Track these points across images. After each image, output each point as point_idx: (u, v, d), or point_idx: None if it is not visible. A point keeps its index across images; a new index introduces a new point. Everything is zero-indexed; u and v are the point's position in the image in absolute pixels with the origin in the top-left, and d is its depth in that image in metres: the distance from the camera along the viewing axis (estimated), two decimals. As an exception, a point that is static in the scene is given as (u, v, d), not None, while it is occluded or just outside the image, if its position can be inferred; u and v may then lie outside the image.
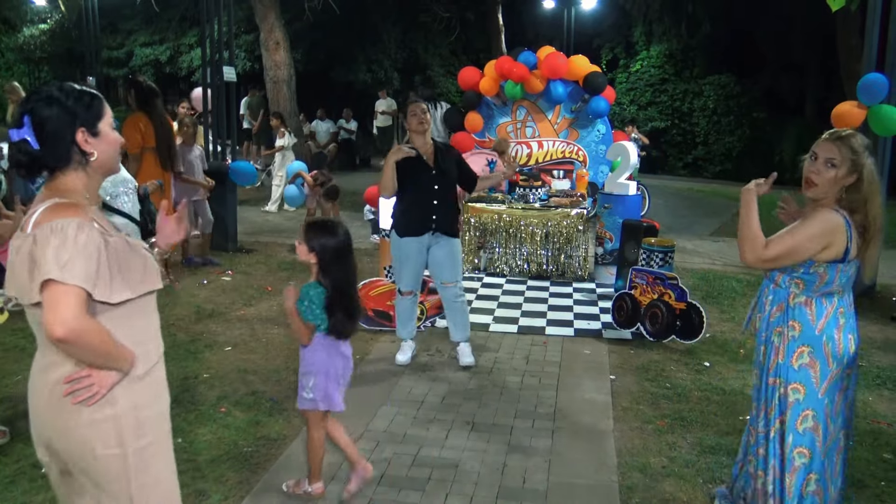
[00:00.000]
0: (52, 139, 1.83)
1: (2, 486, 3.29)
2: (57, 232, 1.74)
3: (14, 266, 1.82)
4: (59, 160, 1.87)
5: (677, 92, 19.57)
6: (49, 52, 23.22)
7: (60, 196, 1.85)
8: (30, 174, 1.89)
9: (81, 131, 1.87)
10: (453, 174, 4.80)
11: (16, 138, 1.83)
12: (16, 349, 5.01)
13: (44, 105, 1.84)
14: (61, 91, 1.87)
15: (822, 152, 2.62)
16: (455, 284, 4.87)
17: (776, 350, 2.75)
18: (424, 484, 3.41)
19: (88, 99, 1.91)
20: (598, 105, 8.13)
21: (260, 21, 13.54)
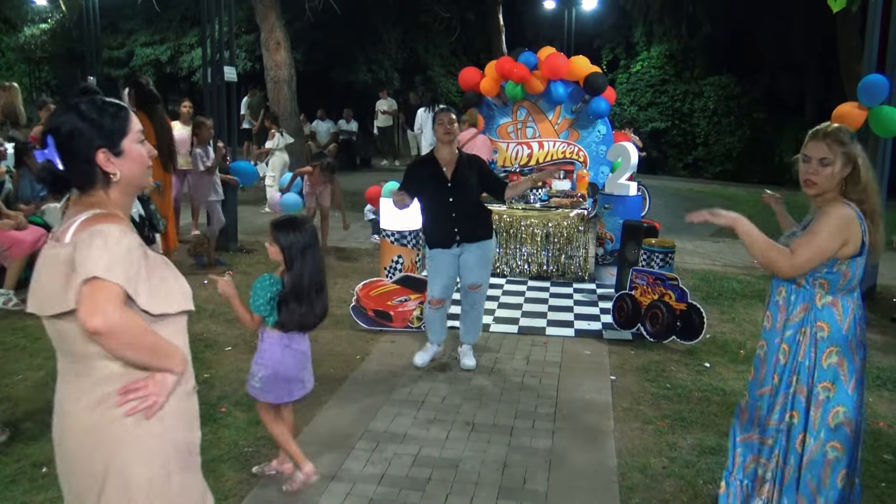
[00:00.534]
0: (74, 160, 1.77)
1: (2, 486, 3.28)
2: (98, 235, 1.69)
3: (41, 275, 1.77)
4: (83, 181, 1.80)
5: (677, 93, 19.58)
6: (50, 52, 23.19)
7: (97, 208, 1.79)
8: (58, 192, 1.86)
9: (102, 152, 1.78)
10: (471, 185, 4.74)
11: (41, 159, 1.78)
12: (16, 348, 5.01)
13: (65, 121, 1.77)
14: (86, 107, 1.79)
15: (814, 153, 2.66)
16: (479, 288, 4.86)
17: (802, 350, 2.73)
18: (425, 484, 3.41)
19: (112, 114, 1.82)
20: (599, 106, 8.13)
21: (260, 21, 13.54)
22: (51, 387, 4.38)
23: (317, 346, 5.23)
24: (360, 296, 5.74)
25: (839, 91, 13.11)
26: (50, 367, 4.68)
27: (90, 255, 1.66)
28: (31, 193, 6.74)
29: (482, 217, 4.85)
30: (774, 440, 2.82)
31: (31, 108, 23.22)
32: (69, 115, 1.78)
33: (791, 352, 2.76)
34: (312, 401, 4.28)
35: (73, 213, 1.81)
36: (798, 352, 2.74)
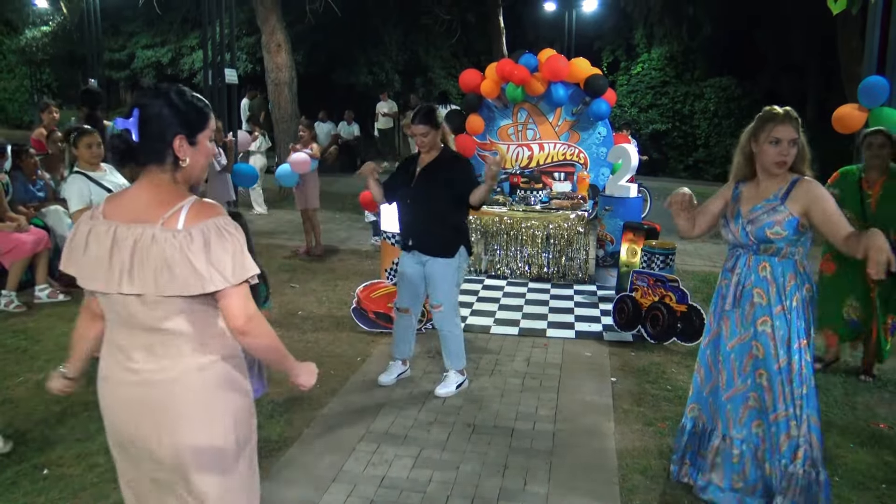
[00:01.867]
0: (151, 137, 1.90)
1: (3, 488, 3.29)
2: (224, 231, 1.88)
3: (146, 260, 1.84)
4: (150, 157, 1.92)
5: (678, 94, 19.57)
6: (51, 55, 23.24)
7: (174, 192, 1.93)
8: (122, 163, 1.99)
9: (180, 137, 1.92)
10: (434, 192, 4.31)
11: (120, 126, 1.90)
12: (17, 351, 5.01)
13: (155, 103, 1.90)
14: (176, 94, 1.93)
15: (785, 135, 2.94)
16: (439, 308, 4.45)
17: (798, 315, 3.00)
18: (426, 486, 3.41)
19: (200, 106, 1.98)
20: (600, 107, 8.12)
21: (261, 23, 13.55)
22: (52, 389, 4.37)
23: (317, 348, 5.25)
24: (360, 297, 5.74)
25: (839, 92, 13.11)
26: (51, 370, 4.67)
27: (227, 259, 1.87)
28: (25, 196, 6.74)
29: (445, 230, 4.37)
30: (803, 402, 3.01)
31: (32, 111, 23.31)
32: (162, 98, 1.91)
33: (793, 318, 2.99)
34: (313, 402, 4.29)
35: (159, 196, 1.91)
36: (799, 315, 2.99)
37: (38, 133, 8.12)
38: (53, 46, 22.90)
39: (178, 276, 1.83)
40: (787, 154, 2.94)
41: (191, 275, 1.83)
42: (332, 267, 7.79)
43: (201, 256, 1.83)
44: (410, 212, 4.45)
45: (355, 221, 10.59)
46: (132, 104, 1.91)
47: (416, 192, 4.38)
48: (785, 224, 2.94)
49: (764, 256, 3.03)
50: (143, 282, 1.84)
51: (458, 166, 4.41)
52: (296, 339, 5.46)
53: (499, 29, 18.80)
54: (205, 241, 1.84)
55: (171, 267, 1.82)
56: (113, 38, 21.13)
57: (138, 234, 1.85)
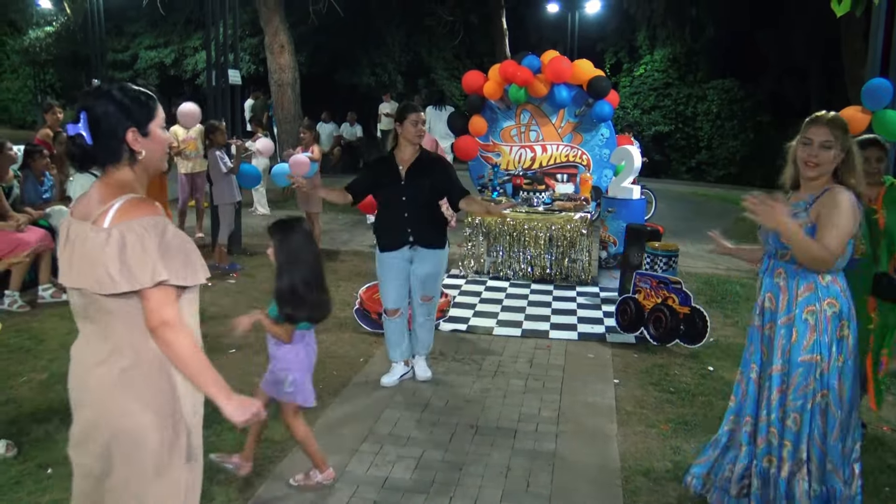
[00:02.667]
0: (104, 136, 1.95)
1: (7, 487, 3.30)
2: (150, 231, 1.88)
3: (79, 255, 1.91)
4: (109, 156, 1.98)
5: (681, 96, 19.55)
6: (54, 55, 23.27)
7: (123, 190, 1.96)
8: (82, 167, 2.03)
9: (132, 131, 1.97)
10: (426, 186, 4.49)
11: (72, 132, 1.95)
12: (20, 350, 5.02)
13: (99, 103, 1.95)
14: (120, 91, 1.98)
15: (817, 136, 2.83)
16: (432, 300, 4.68)
17: (811, 328, 2.82)
18: (428, 487, 3.41)
19: (143, 100, 2.01)
20: (602, 109, 8.12)
21: (264, 24, 13.57)
22: (55, 389, 4.43)
23: (320, 349, 5.21)
24: (363, 298, 5.74)
25: (843, 94, 13.10)
26: (54, 369, 4.69)
27: (149, 257, 1.86)
28: (34, 196, 6.76)
29: (437, 222, 4.64)
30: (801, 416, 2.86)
31: (35, 111, 23.33)
32: (103, 95, 1.96)
33: (801, 332, 2.83)
34: (316, 403, 4.28)
35: (103, 193, 1.96)
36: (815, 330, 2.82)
37: (43, 134, 8.12)
38: (57, 47, 22.93)
39: (96, 274, 1.88)
40: (815, 155, 2.83)
41: (104, 274, 1.86)
42: (334, 268, 7.79)
43: (115, 256, 1.86)
44: (406, 208, 4.49)
45: (357, 223, 10.59)
46: (78, 108, 1.96)
47: (411, 189, 4.48)
48: (804, 230, 2.80)
49: (781, 263, 2.93)
50: (77, 277, 1.93)
51: (441, 166, 4.62)
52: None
53: (501, 30, 18.80)
54: (122, 241, 1.86)
55: (92, 265, 1.89)
56: (116, 39, 21.16)
57: (78, 231, 1.94)
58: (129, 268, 1.85)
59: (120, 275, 1.85)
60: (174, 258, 1.91)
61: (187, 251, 1.98)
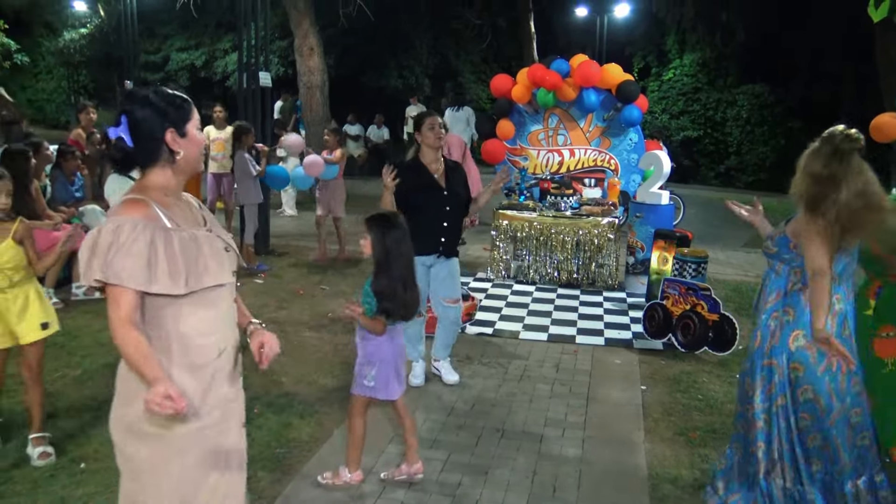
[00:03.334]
0: (144, 138, 2.02)
1: (43, 480, 3.36)
2: (113, 230, 1.92)
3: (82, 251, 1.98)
4: (149, 158, 2.05)
5: (710, 101, 19.36)
6: (88, 56, 23.67)
7: (139, 193, 2.03)
8: (123, 169, 2.10)
9: (171, 132, 2.03)
10: (462, 195, 4.62)
11: (113, 136, 2.02)
12: (55, 346, 5.09)
13: (139, 107, 2.01)
14: (156, 94, 2.04)
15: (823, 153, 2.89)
16: (457, 303, 4.70)
17: (772, 333, 2.96)
18: (455, 489, 3.42)
19: (179, 102, 2.08)
20: (631, 114, 8.08)
21: (294, 27, 13.68)
22: (88, 385, 4.50)
23: (346, 350, 5.29)
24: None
25: (876, 100, 12.90)
26: (87, 365, 4.78)
27: (102, 255, 1.90)
28: (65, 195, 6.89)
29: (459, 232, 4.77)
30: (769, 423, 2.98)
31: (69, 111, 23.74)
32: (143, 98, 2.02)
33: (763, 336, 3.00)
34: (342, 403, 4.31)
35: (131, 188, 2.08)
36: (773, 336, 2.95)
37: (76, 134, 8.28)
38: (90, 48, 23.33)
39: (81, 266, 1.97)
40: None
41: (82, 265, 1.96)
42: (362, 270, 7.83)
43: (89, 248, 1.94)
44: (445, 217, 4.51)
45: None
46: (118, 112, 2.02)
47: (451, 197, 4.53)
48: (776, 239, 3.01)
49: (768, 269, 3.10)
50: None
51: (462, 170, 4.75)
52: (325, 340, 5.50)
53: (529, 34, 18.78)
54: (98, 233, 1.94)
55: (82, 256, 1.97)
56: (148, 41, 21.47)
57: None
58: (89, 262, 1.93)
59: (85, 268, 1.94)
60: (129, 260, 1.90)
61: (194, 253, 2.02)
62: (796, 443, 2.95)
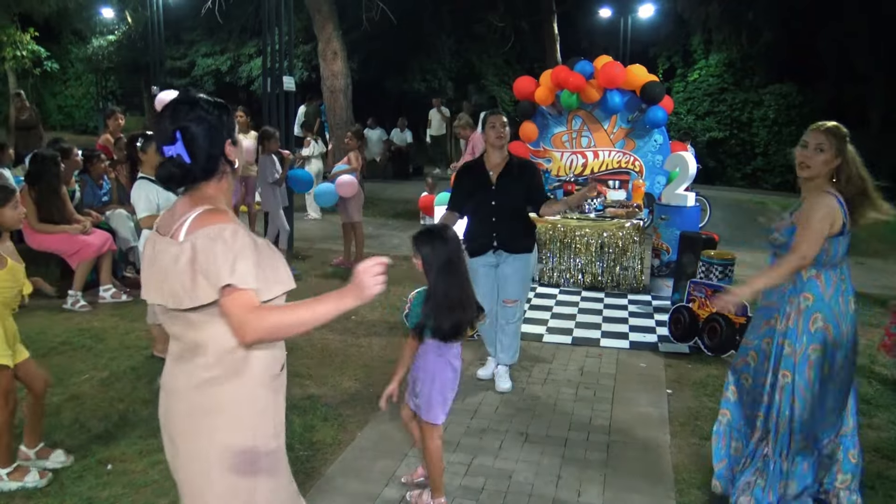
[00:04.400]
0: (203, 153, 1.91)
1: (69, 482, 3.40)
2: (217, 239, 1.81)
3: (158, 270, 1.87)
4: (209, 172, 1.94)
5: (736, 102, 19.15)
6: (116, 63, 24.07)
7: (205, 203, 1.91)
8: (180, 186, 1.95)
9: (228, 143, 1.96)
10: (516, 192, 4.56)
11: (169, 154, 1.89)
12: (83, 349, 5.17)
13: (194, 123, 1.90)
14: (206, 106, 1.93)
15: (812, 140, 3.08)
16: (516, 304, 4.65)
17: (787, 316, 3.10)
18: (478, 493, 3.40)
19: (226, 110, 1.99)
20: (656, 115, 8.02)
21: (318, 31, 13.76)
22: (115, 387, 4.56)
23: (370, 353, 5.29)
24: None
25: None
26: (114, 368, 4.83)
27: (216, 263, 1.79)
28: (93, 199, 6.98)
29: (525, 228, 4.69)
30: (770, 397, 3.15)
31: (97, 117, 24.11)
32: (195, 112, 1.90)
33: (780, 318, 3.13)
34: (366, 406, 4.32)
35: (183, 208, 1.92)
36: (789, 318, 3.09)
37: (104, 139, 8.39)
38: (118, 55, 23.71)
39: (171, 289, 1.84)
40: (809, 157, 3.07)
41: (180, 288, 1.82)
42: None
43: (188, 268, 1.81)
44: (495, 213, 4.54)
45: (407, 228, 10.64)
46: (172, 129, 1.89)
47: (500, 193, 4.54)
48: (784, 230, 3.17)
49: (774, 258, 3.25)
50: (159, 293, 1.88)
51: (531, 170, 4.71)
52: (349, 343, 5.51)
53: (553, 36, 18.70)
54: (193, 251, 1.81)
55: (167, 279, 1.85)
56: (175, 47, 21.76)
57: (160, 246, 1.91)
58: (203, 277, 1.79)
59: (193, 285, 1.80)
60: (247, 263, 1.83)
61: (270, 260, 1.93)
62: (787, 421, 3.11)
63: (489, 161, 4.61)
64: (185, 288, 1.81)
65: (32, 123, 11.71)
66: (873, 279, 8.24)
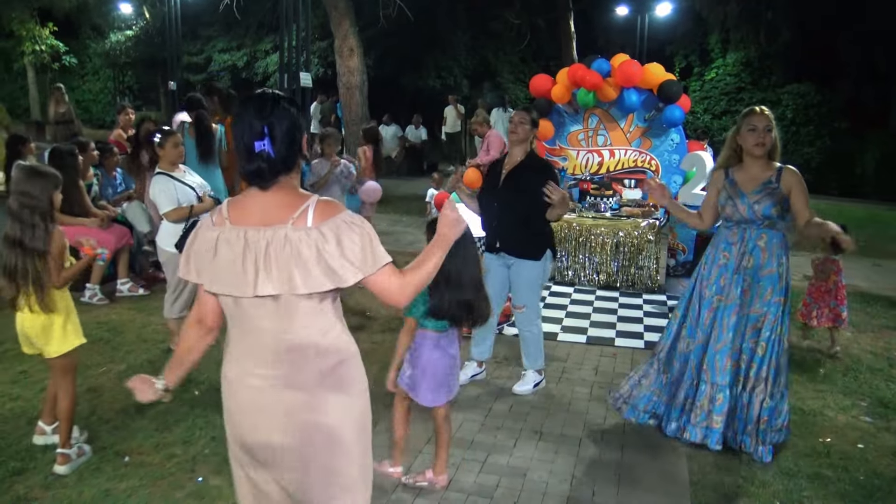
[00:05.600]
0: (287, 147, 1.97)
1: (88, 474, 3.43)
2: (352, 225, 1.94)
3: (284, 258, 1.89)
4: (291, 165, 2.00)
5: (754, 101, 18.97)
6: (133, 58, 24.23)
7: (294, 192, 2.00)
8: (266, 181, 1.97)
9: (305, 138, 2.05)
10: (523, 195, 4.32)
11: (259, 149, 1.94)
12: (101, 342, 5.22)
13: (281, 117, 1.95)
14: (286, 102, 1.99)
15: (760, 123, 3.70)
16: (522, 310, 4.55)
17: (780, 277, 3.71)
18: (493, 491, 3.40)
19: (299, 106, 2.07)
20: (673, 114, 7.95)
21: (335, 28, 13.79)
22: (133, 379, 4.54)
23: (384, 349, 5.30)
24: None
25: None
26: (131, 361, 4.87)
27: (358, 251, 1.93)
28: (110, 193, 7.04)
29: (531, 232, 4.41)
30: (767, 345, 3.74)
31: (113, 112, 24.32)
32: (279, 109, 1.96)
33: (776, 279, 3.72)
34: (379, 403, 4.31)
35: (284, 199, 1.97)
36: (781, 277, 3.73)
37: (116, 134, 8.44)
38: (136, 50, 23.87)
39: (313, 273, 1.89)
40: (763, 138, 3.68)
41: (326, 270, 1.90)
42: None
43: (335, 252, 1.90)
44: (498, 214, 4.45)
45: (421, 225, 10.65)
46: (260, 125, 1.92)
47: (504, 194, 4.42)
48: (783, 202, 3.67)
49: (763, 229, 3.72)
50: (279, 282, 1.89)
51: (547, 174, 4.37)
52: (363, 339, 5.52)
53: (569, 33, 18.64)
54: (336, 237, 1.91)
55: (306, 264, 1.89)
56: (191, 43, 21.86)
57: (270, 235, 1.90)
58: (349, 259, 1.91)
59: (341, 268, 1.91)
60: (378, 245, 1.99)
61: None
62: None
63: (509, 158, 4.52)
64: (330, 271, 1.90)
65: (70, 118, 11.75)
66: (889, 281, 8.16)
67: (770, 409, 3.73)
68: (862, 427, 4.22)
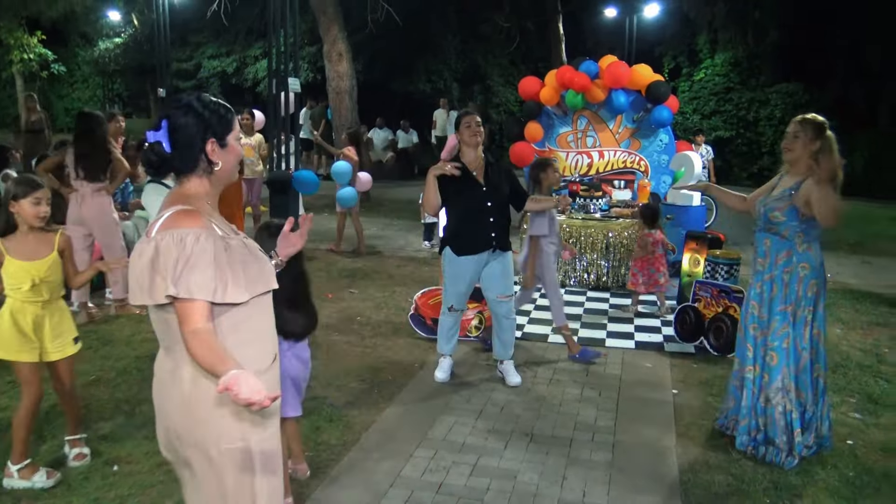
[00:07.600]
0: (183, 145, 1.97)
1: (76, 482, 3.41)
2: (176, 244, 1.85)
3: (135, 269, 1.91)
4: (186, 165, 1.99)
5: (742, 101, 19.10)
6: (122, 65, 24.18)
7: (184, 203, 1.96)
8: (158, 174, 2.05)
9: (211, 142, 1.99)
10: (504, 190, 4.68)
11: (151, 139, 1.96)
12: (89, 350, 5.16)
13: (182, 113, 1.96)
14: (200, 102, 1.99)
15: (791, 129, 3.74)
16: (510, 299, 4.77)
17: (786, 285, 3.67)
18: (483, 494, 3.39)
19: (223, 111, 2.03)
20: (661, 114, 7.98)
21: (323, 33, 13.78)
22: (121, 388, 4.56)
23: (376, 354, 5.30)
24: (418, 304, 5.77)
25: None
26: (120, 368, 4.85)
27: (167, 269, 1.83)
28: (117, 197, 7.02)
29: (509, 225, 4.78)
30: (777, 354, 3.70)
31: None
32: (186, 105, 1.97)
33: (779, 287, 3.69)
34: (371, 407, 4.33)
35: (166, 204, 1.98)
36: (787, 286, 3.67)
37: None
38: (125, 57, 23.81)
39: (135, 285, 1.90)
40: (790, 142, 3.72)
41: (136, 285, 1.89)
42: (390, 273, 7.85)
43: (148, 266, 1.86)
44: (489, 213, 4.58)
45: (413, 228, 10.65)
46: (160, 116, 1.97)
47: (491, 194, 4.61)
48: (785, 211, 3.64)
49: (767, 233, 3.77)
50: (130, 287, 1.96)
51: (507, 170, 4.81)
52: (354, 343, 5.51)
53: (558, 36, 18.68)
54: (156, 250, 1.85)
55: (134, 275, 1.90)
56: (181, 49, 21.82)
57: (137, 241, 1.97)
58: (162, 276, 1.84)
59: (151, 284, 1.86)
60: (198, 272, 1.84)
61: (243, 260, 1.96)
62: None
63: (466, 160, 4.61)
64: (142, 286, 1.87)
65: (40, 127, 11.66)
66: (877, 278, 8.20)
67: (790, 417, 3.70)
68: (851, 423, 4.24)
